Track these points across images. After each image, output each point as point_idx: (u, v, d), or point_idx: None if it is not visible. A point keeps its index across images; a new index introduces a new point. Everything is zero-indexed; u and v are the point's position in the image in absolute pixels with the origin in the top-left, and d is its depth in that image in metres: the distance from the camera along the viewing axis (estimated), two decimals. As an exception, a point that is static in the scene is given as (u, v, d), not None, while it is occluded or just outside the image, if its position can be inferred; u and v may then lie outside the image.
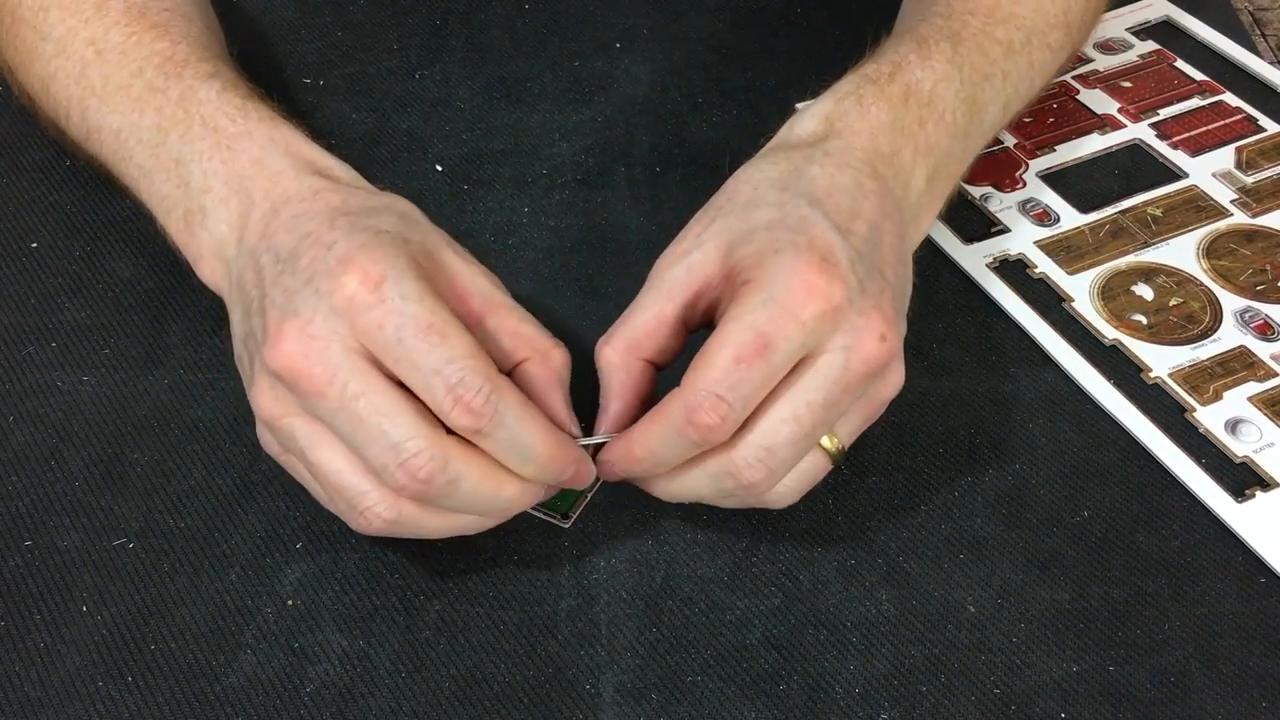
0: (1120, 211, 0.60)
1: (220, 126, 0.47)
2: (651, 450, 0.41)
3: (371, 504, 0.40)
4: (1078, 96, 0.66)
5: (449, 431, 0.39)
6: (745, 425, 0.40)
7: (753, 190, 0.44)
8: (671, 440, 0.41)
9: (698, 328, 0.44)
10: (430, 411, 0.39)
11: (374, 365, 0.39)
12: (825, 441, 0.42)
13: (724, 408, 0.39)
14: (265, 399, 0.41)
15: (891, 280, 0.43)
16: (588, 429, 0.44)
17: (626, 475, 0.43)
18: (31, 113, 0.58)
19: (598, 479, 0.48)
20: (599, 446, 0.44)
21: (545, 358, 0.43)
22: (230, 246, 0.45)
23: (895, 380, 0.43)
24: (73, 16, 0.53)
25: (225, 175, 0.46)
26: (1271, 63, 0.68)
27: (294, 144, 0.47)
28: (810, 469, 0.43)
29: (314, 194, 0.44)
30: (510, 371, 0.43)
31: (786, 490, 0.43)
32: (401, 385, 0.39)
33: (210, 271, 0.47)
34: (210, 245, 0.46)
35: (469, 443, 0.40)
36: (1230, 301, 0.55)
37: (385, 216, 0.43)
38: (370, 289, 0.39)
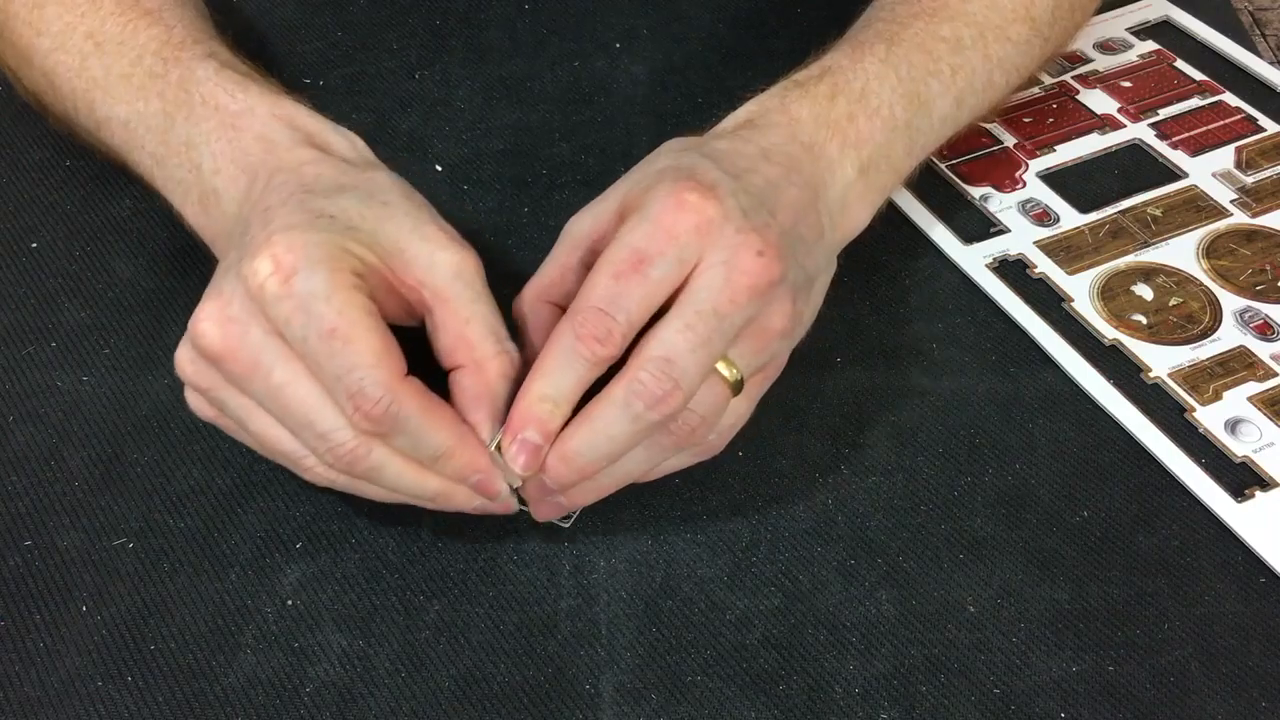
0: (1120, 211, 0.60)
1: (222, 104, 0.48)
2: (554, 383, 0.41)
3: (312, 464, 0.42)
4: (1077, 96, 0.66)
5: None
6: (641, 345, 0.41)
7: (659, 153, 0.47)
8: (569, 364, 0.40)
9: None
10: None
11: (293, 349, 0.40)
12: (723, 369, 0.42)
13: (607, 320, 0.40)
14: (188, 369, 0.42)
15: (785, 227, 0.44)
16: None
17: (538, 425, 0.41)
18: (40, 110, 0.58)
19: None
20: None
21: (479, 367, 0.42)
22: (234, 221, 0.46)
23: (784, 310, 0.43)
24: (69, 11, 0.53)
25: (233, 155, 0.46)
26: (1271, 63, 0.68)
27: (297, 118, 0.47)
28: (713, 397, 0.42)
29: (299, 166, 0.44)
30: (449, 372, 0.43)
31: (703, 425, 0.42)
32: None
33: (224, 251, 0.47)
34: (224, 225, 0.47)
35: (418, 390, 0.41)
36: (1230, 301, 0.55)
37: (345, 198, 0.42)
38: (281, 280, 0.39)
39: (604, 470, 0.43)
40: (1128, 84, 0.67)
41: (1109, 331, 0.54)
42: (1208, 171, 0.61)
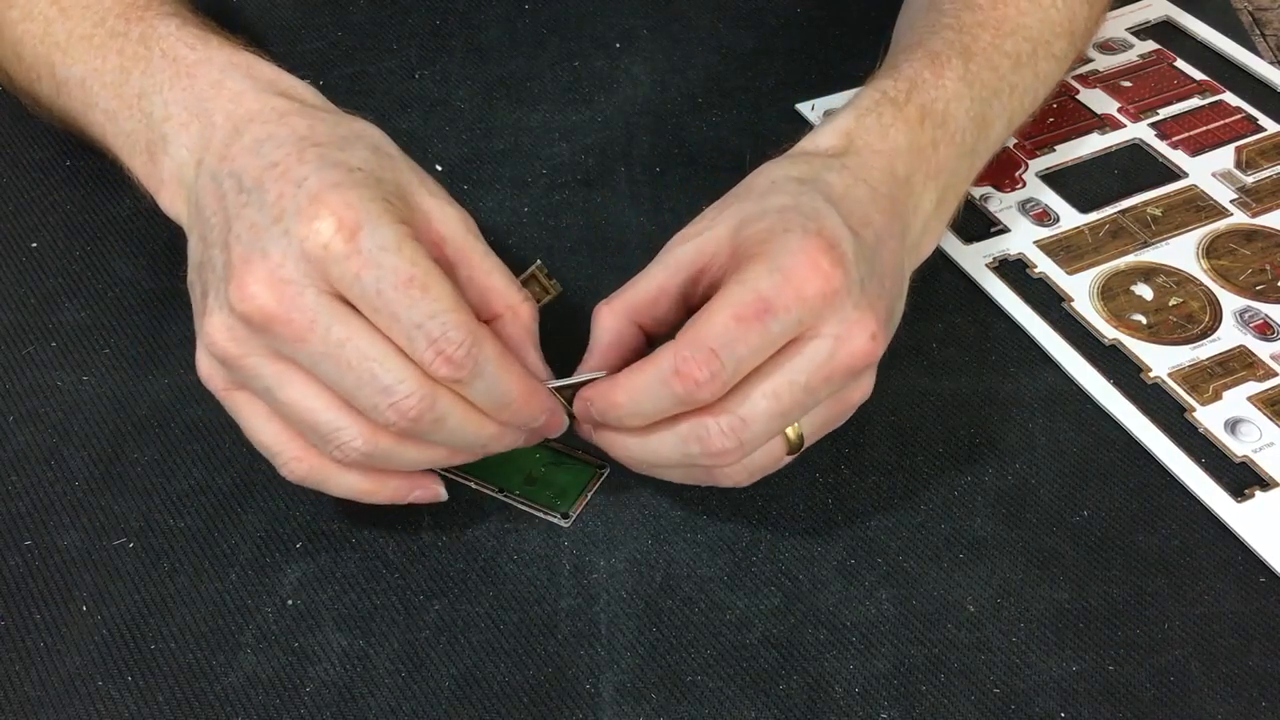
0: (1120, 211, 0.60)
1: (180, 56, 0.47)
2: (633, 397, 0.41)
3: (349, 438, 0.40)
4: (1078, 96, 0.66)
5: None
6: (726, 395, 0.40)
7: (770, 183, 0.44)
8: (656, 390, 0.40)
9: (699, 305, 0.43)
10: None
11: (349, 307, 0.39)
12: (789, 432, 0.42)
13: (715, 364, 0.39)
14: (222, 337, 0.40)
15: (888, 291, 0.43)
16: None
17: (601, 419, 0.42)
18: (9, 88, 0.58)
19: (600, 471, 0.48)
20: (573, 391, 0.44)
21: (515, 314, 0.44)
22: (189, 169, 0.45)
23: (867, 386, 0.44)
24: None
25: (185, 100, 0.45)
26: (1271, 63, 0.68)
27: (255, 67, 0.46)
28: (770, 453, 0.43)
29: (279, 116, 0.43)
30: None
31: (742, 470, 0.43)
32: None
33: (170, 199, 0.46)
34: (171, 171, 0.46)
35: (453, 393, 0.40)
36: (1230, 301, 0.55)
37: (356, 149, 0.42)
38: (346, 238, 0.38)
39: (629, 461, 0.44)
40: (1128, 84, 0.67)
41: (1109, 331, 0.54)
42: (1208, 171, 0.61)
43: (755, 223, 0.42)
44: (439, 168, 0.63)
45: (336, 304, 0.39)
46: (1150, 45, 0.69)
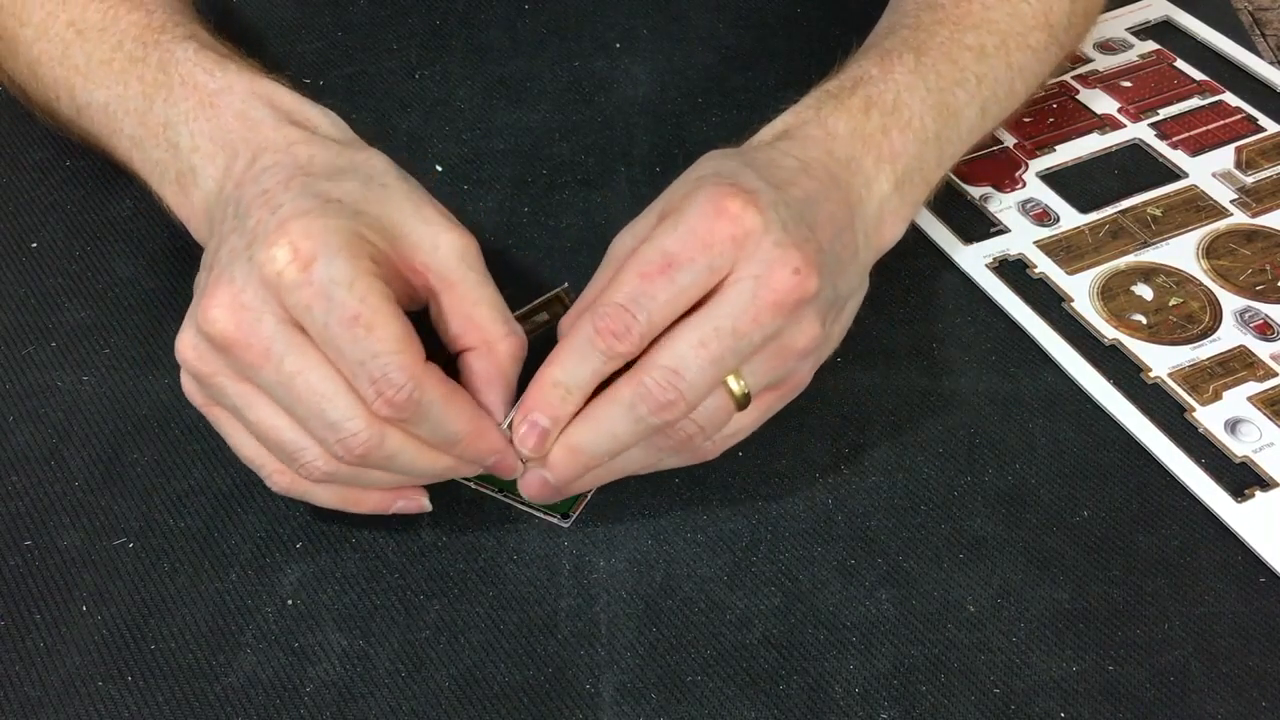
0: (1120, 211, 0.60)
1: (200, 83, 0.48)
2: (569, 371, 0.41)
3: (311, 458, 0.41)
4: (1077, 96, 0.66)
5: None
6: (653, 350, 0.41)
7: (698, 164, 0.46)
8: (585, 355, 0.40)
9: None
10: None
11: (308, 338, 0.39)
12: (732, 383, 0.42)
13: (627, 317, 0.40)
14: (191, 355, 0.41)
15: (824, 244, 0.43)
16: None
17: (538, 405, 0.42)
18: (24, 102, 0.58)
19: None
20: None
21: (490, 349, 0.43)
22: (214, 198, 0.46)
23: (811, 332, 0.43)
24: (50, 1, 0.53)
25: (211, 132, 0.46)
26: (1271, 63, 0.68)
27: (276, 95, 0.47)
28: (716, 409, 0.42)
29: (288, 145, 0.44)
30: (458, 354, 0.43)
31: (700, 433, 0.43)
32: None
33: (199, 228, 0.47)
34: (201, 202, 0.47)
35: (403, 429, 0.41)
36: (1230, 301, 0.55)
37: (346, 180, 0.42)
38: (300, 268, 0.39)
39: (603, 465, 0.43)
40: (1128, 84, 0.67)
41: (1109, 331, 0.54)
42: (1208, 171, 0.61)
43: (676, 194, 0.43)
44: (439, 168, 0.63)
45: (294, 333, 0.39)
46: (1150, 45, 0.69)
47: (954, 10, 0.54)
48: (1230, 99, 0.65)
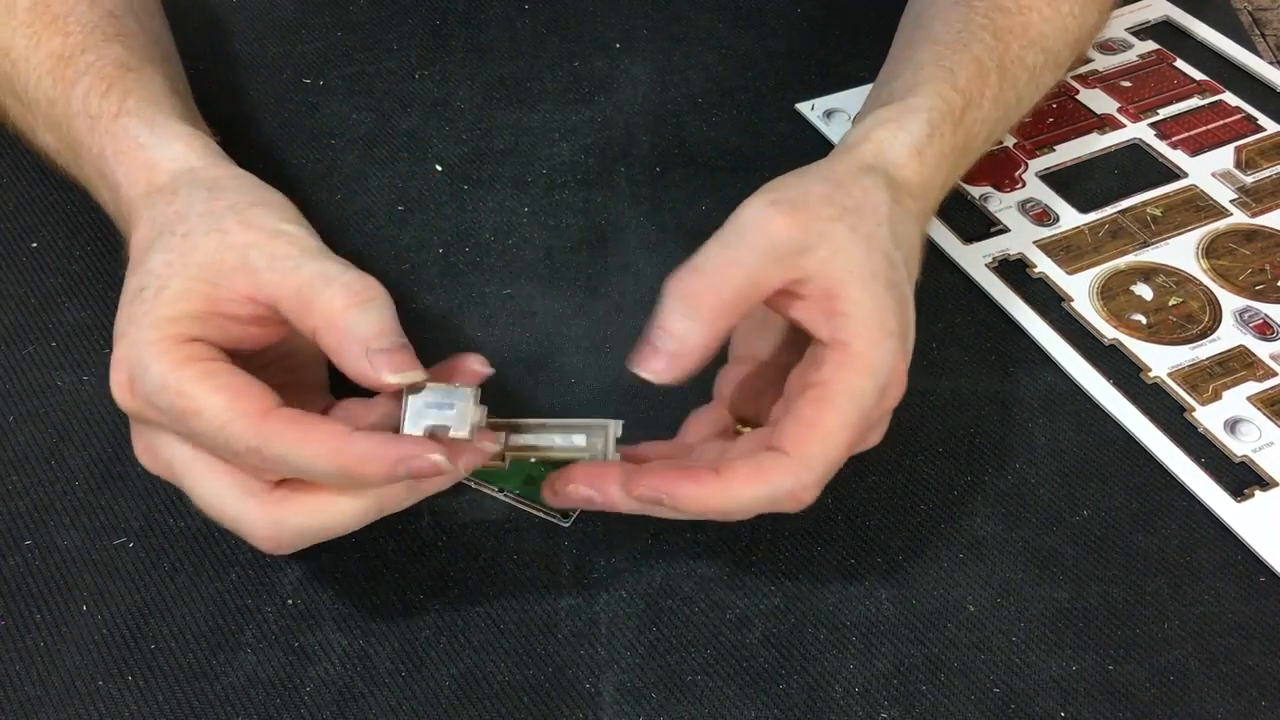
0: (1120, 211, 0.60)
1: (87, 145, 0.46)
2: (736, 505, 0.39)
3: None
4: (1077, 96, 0.66)
5: None
6: (803, 444, 0.39)
7: (877, 225, 0.42)
8: (762, 501, 0.39)
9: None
10: (253, 482, 0.39)
11: (196, 447, 0.40)
12: None
13: (817, 490, 0.40)
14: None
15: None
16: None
17: (681, 514, 0.40)
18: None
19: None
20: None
21: (330, 324, 0.38)
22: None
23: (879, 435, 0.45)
24: None
25: (109, 202, 0.47)
26: (1271, 63, 0.68)
27: (133, 154, 0.45)
28: None
29: (142, 253, 0.42)
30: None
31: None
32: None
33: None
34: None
35: (298, 490, 0.39)
36: (1229, 301, 0.55)
37: (152, 258, 0.41)
38: (129, 395, 0.39)
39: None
40: (1128, 84, 0.67)
41: (1109, 331, 0.54)
42: (1207, 171, 0.61)
43: (862, 289, 0.40)
44: (439, 168, 0.63)
45: (182, 450, 0.40)
46: (1150, 45, 0.69)
47: (1019, 18, 0.52)
48: (1230, 99, 0.65)
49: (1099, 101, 0.66)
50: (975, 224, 0.59)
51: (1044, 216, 0.60)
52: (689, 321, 0.39)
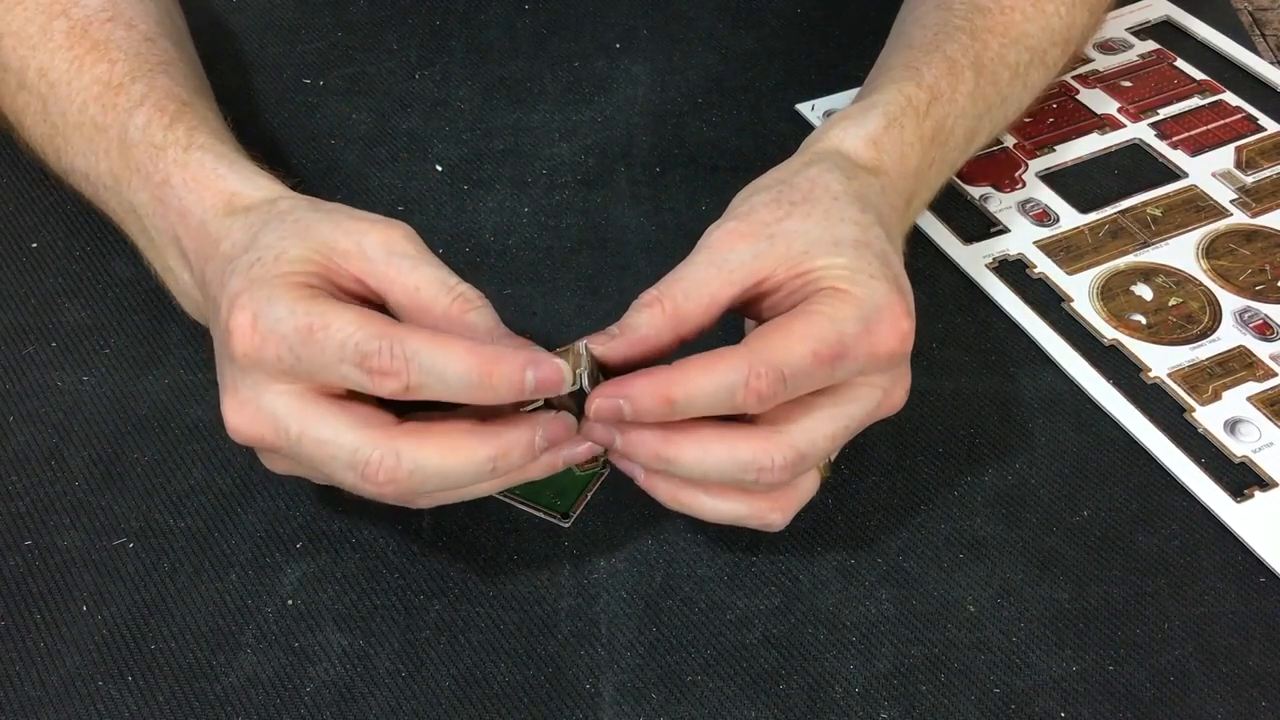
0: (1120, 211, 0.60)
1: (148, 173, 0.47)
2: (690, 397, 0.39)
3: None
4: (1077, 96, 0.66)
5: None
6: (781, 423, 0.40)
7: (831, 199, 0.43)
8: (716, 395, 0.39)
9: (735, 308, 0.43)
10: (375, 413, 0.39)
11: (306, 392, 0.39)
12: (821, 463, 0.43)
13: (780, 388, 0.39)
14: (239, 440, 0.42)
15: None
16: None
17: (639, 414, 0.39)
18: (13, 141, 0.57)
19: (600, 472, 0.48)
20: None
21: (449, 320, 0.41)
22: (197, 298, 0.47)
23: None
24: (22, 44, 0.51)
25: (169, 233, 0.46)
26: (1271, 62, 0.68)
27: (209, 183, 0.45)
28: (810, 486, 0.43)
29: (218, 245, 0.43)
30: None
31: (791, 508, 0.43)
32: (342, 396, 0.40)
33: (193, 311, 0.49)
34: (185, 294, 0.48)
35: (423, 427, 0.39)
36: (1229, 301, 0.55)
37: (263, 236, 0.42)
38: (249, 334, 0.39)
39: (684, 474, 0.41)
40: (1128, 84, 0.67)
41: (1109, 331, 0.54)
42: (1207, 171, 0.61)
43: (830, 255, 0.41)
44: (439, 168, 0.63)
45: (290, 399, 0.39)
46: (1150, 45, 0.69)
47: (1000, 18, 0.53)
48: (1230, 98, 0.65)
49: (1099, 101, 0.66)
50: (975, 224, 0.59)
51: (1044, 217, 0.60)
52: (643, 316, 0.41)
